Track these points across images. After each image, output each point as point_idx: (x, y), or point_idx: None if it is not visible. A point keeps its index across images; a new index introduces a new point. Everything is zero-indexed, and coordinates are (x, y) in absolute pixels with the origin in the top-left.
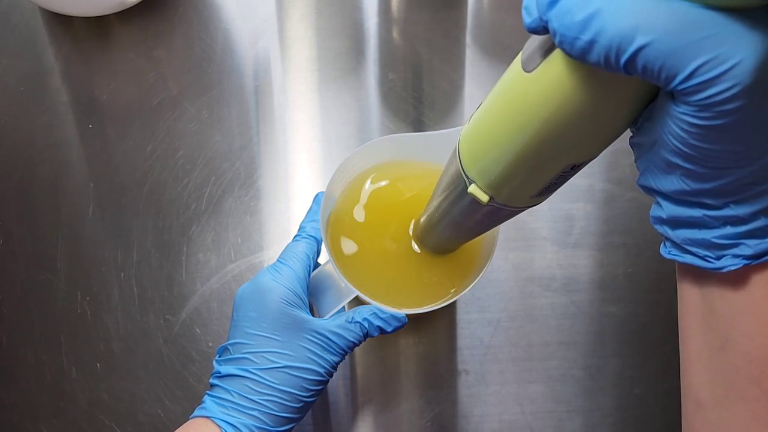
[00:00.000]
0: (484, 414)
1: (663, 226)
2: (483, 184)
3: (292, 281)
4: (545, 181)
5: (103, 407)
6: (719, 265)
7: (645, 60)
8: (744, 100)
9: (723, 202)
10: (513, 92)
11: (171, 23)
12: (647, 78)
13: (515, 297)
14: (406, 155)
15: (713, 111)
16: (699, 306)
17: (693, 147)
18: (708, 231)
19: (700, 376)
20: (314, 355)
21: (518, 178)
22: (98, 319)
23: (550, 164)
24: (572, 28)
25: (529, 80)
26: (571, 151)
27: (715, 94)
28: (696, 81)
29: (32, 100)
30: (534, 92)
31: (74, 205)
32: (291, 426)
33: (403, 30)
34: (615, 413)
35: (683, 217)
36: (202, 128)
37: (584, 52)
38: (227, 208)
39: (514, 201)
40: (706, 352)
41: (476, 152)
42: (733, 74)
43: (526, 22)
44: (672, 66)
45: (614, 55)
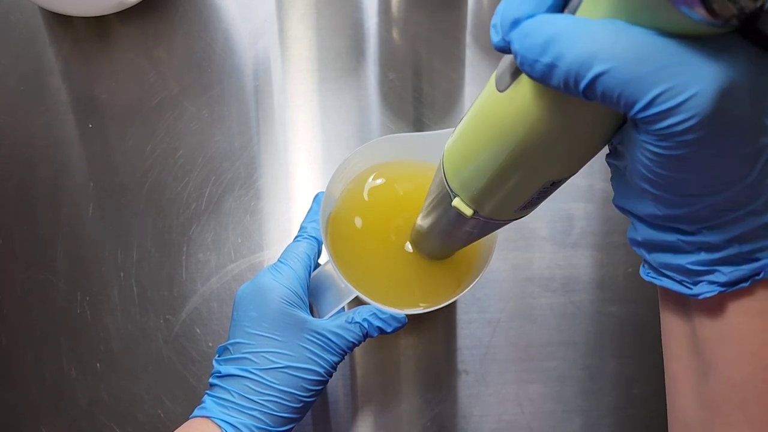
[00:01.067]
0: (484, 414)
1: (639, 249)
2: (466, 198)
3: (293, 281)
4: (526, 196)
5: (103, 407)
6: (695, 292)
7: (603, 87)
8: (704, 131)
9: (696, 228)
10: (487, 110)
11: (171, 23)
12: (607, 104)
13: (515, 297)
14: (406, 155)
15: (673, 141)
16: (683, 329)
17: (658, 175)
18: (683, 256)
19: (686, 398)
20: (314, 355)
21: (499, 193)
22: (98, 319)
23: (528, 181)
24: (532, 51)
25: (501, 100)
26: (547, 169)
27: (674, 125)
28: (654, 111)
29: (32, 100)
30: (506, 112)
31: (74, 204)
32: (291, 426)
33: (403, 30)
34: (614, 413)
35: (657, 240)
36: (202, 128)
37: (544, 76)
38: (227, 207)
39: (498, 215)
40: (692, 375)
41: (458, 167)
42: (691, 105)
43: (493, 41)
44: (630, 94)
45: (573, 81)
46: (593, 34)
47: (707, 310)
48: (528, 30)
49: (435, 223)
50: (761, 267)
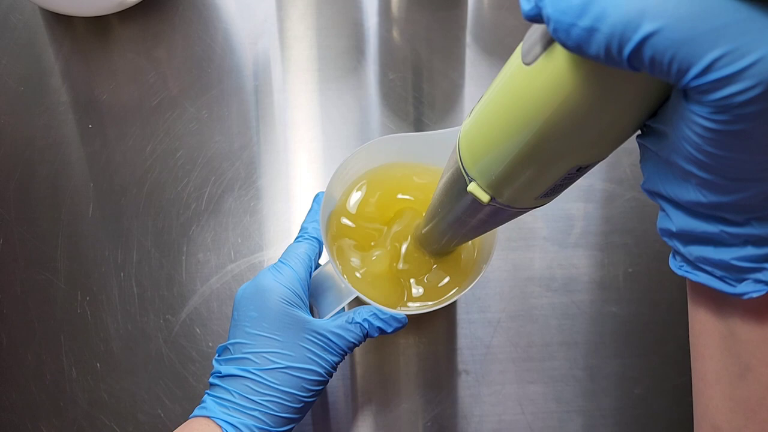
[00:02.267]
0: (484, 414)
1: (672, 240)
2: (484, 183)
3: (293, 281)
4: (549, 182)
5: (103, 407)
6: (739, 291)
7: (653, 50)
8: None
9: (744, 218)
10: (512, 87)
11: (171, 23)
12: (656, 73)
13: (515, 297)
14: (407, 155)
15: (732, 114)
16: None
17: (709, 154)
18: (726, 250)
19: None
20: (314, 355)
21: (520, 178)
22: (98, 319)
23: (553, 165)
24: (568, 13)
25: (528, 74)
26: (576, 151)
27: (734, 94)
28: (712, 77)
29: (32, 100)
30: (534, 87)
31: (74, 204)
32: (291, 426)
33: (403, 30)
34: (615, 413)
35: (697, 231)
36: (202, 128)
37: (582, 43)
38: (227, 207)
39: (517, 202)
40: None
41: (476, 150)
42: (756, 71)
43: (524, 10)
44: (684, 58)
45: (617, 46)
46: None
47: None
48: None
49: (447, 210)
50: None
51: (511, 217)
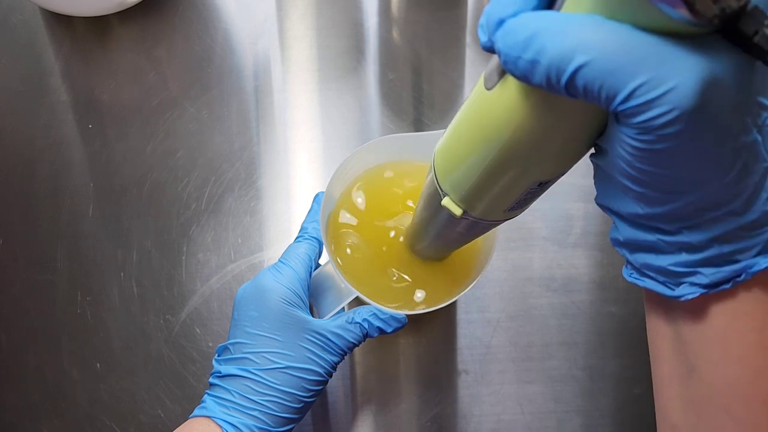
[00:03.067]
0: (484, 414)
1: (621, 249)
2: (456, 198)
3: (293, 281)
4: (514, 197)
5: (103, 407)
6: (677, 294)
7: (585, 80)
8: (684, 125)
9: (676, 227)
10: (475, 110)
11: (171, 23)
12: (590, 100)
13: (515, 297)
14: (407, 155)
15: (654, 134)
16: (666, 330)
17: (639, 170)
18: (664, 257)
19: (673, 400)
20: (314, 355)
21: (487, 194)
22: (98, 319)
23: (515, 182)
24: (515, 48)
25: (489, 99)
26: (534, 169)
27: (654, 118)
28: (634, 102)
29: (32, 100)
30: (493, 111)
31: (74, 205)
32: (291, 426)
33: (403, 30)
34: (615, 413)
35: (639, 240)
36: (202, 128)
37: (527, 73)
38: (227, 208)
39: (488, 215)
40: (677, 377)
41: (447, 167)
42: (672, 97)
43: (481, 41)
44: (611, 86)
45: (555, 76)
46: (574, 27)
47: (690, 311)
48: (511, 28)
49: (427, 223)
50: (742, 269)
51: (487, 229)
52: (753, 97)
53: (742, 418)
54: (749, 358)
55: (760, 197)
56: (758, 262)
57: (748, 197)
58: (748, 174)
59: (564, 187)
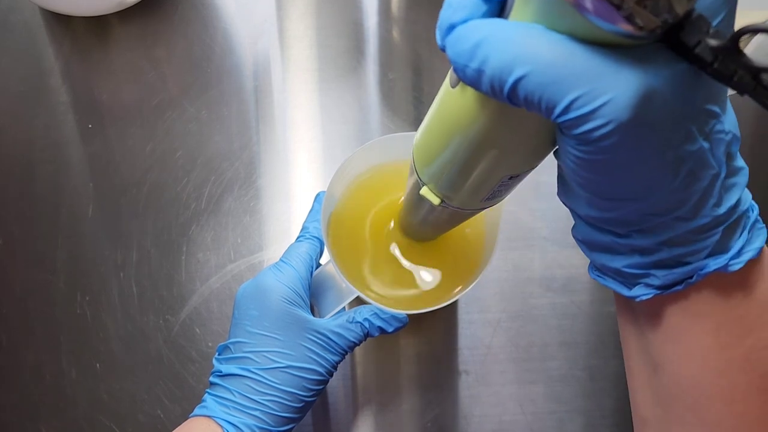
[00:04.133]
0: (485, 414)
1: (582, 246)
2: (433, 187)
3: (294, 281)
4: (487, 189)
5: (102, 407)
6: (633, 294)
7: (525, 91)
8: (621, 137)
9: (627, 231)
10: (442, 106)
11: (170, 23)
12: (531, 110)
13: (515, 297)
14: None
15: (593, 146)
16: (632, 328)
17: (584, 177)
18: (618, 258)
19: (642, 394)
20: (315, 354)
21: (461, 186)
22: (98, 320)
23: (486, 176)
24: (462, 56)
25: (453, 96)
26: (502, 165)
27: (591, 130)
28: (572, 115)
29: (32, 100)
30: (457, 109)
31: (74, 205)
32: (292, 426)
33: (403, 30)
34: (615, 414)
35: (596, 240)
36: (202, 128)
37: (474, 81)
38: (227, 207)
39: (466, 204)
40: (644, 373)
41: (424, 159)
42: (607, 111)
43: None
44: (549, 98)
45: (498, 86)
46: (515, 38)
47: (648, 311)
48: (459, 35)
49: (413, 210)
50: (692, 270)
51: (468, 216)
52: (699, 105)
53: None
54: (708, 359)
55: (707, 203)
56: (708, 264)
57: (696, 203)
58: (695, 181)
59: None
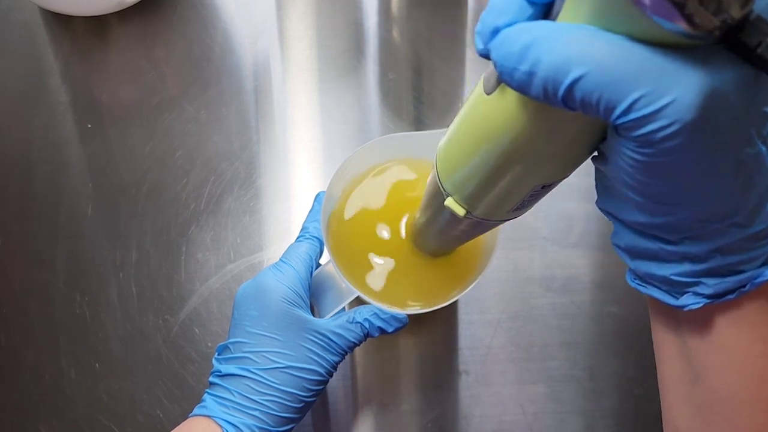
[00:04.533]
0: (485, 415)
1: (622, 254)
2: (459, 198)
3: (294, 281)
4: (516, 199)
5: (102, 407)
6: (681, 303)
7: (582, 92)
8: (685, 139)
9: (678, 238)
10: (475, 113)
11: (170, 23)
12: (588, 112)
13: (516, 297)
14: (407, 154)
15: (655, 148)
16: (672, 336)
17: (639, 182)
18: (667, 266)
19: (678, 405)
20: (315, 355)
21: (489, 195)
22: (97, 320)
23: (517, 185)
24: (510, 59)
25: (488, 103)
26: (535, 173)
27: (654, 131)
28: (633, 116)
29: (31, 100)
30: (493, 116)
31: (73, 205)
32: (292, 426)
33: (403, 30)
34: (616, 414)
35: (640, 248)
36: (201, 128)
37: (523, 85)
38: (226, 207)
39: (491, 215)
40: (682, 383)
41: (449, 168)
42: (672, 111)
43: (477, 48)
44: (610, 99)
45: (551, 88)
46: (570, 39)
47: (694, 320)
48: (506, 38)
49: (431, 221)
50: (746, 279)
51: (490, 228)
52: (757, 108)
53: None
54: (755, 367)
55: (764, 209)
56: (763, 273)
57: (752, 209)
58: (752, 186)
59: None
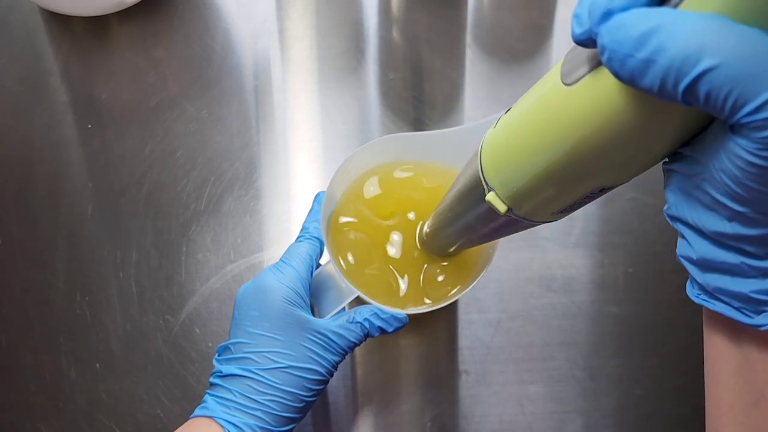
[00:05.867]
0: (485, 414)
1: (691, 266)
2: (503, 193)
3: (295, 281)
4: (570, 200)
5: (102, 407)
6: (757, 323)
7: (709, 86)
8: None
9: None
10: (548, 105)
11: (170, 23)
12: (708, 108)
13: (516, 297)
14: (407, 155)
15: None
16: (732, 354)
17: (747, 188)
18: (745, 282)
19: (730, 427)
20: (315, 355)
21: (542, 194)
22: (97, 320)
23: (578, 184)
24: (625, 45)
25: (568, 94)
26: (604, 173)
27: None
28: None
29: (31, 100)
30: (572, 108)
31: (73, 205)
32: (292, 426)
33: (403, 30)
34: (615, 414)
35: (717, 261)
36: (202, 128)
37: (636, 74)
38: (227, 208)
39: (534, 215)
40: (739, 405)
41: (500, 161)
42: None
43: (574, 33)
44: (740, 95)
45: (673, 80)
46: (701, 27)
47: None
48: (623, 22)
49: (458, 216)
50: None
51: (523, 229)
52: None
53: None
54: None
55: None
56: None
57: None
58: None
59: None
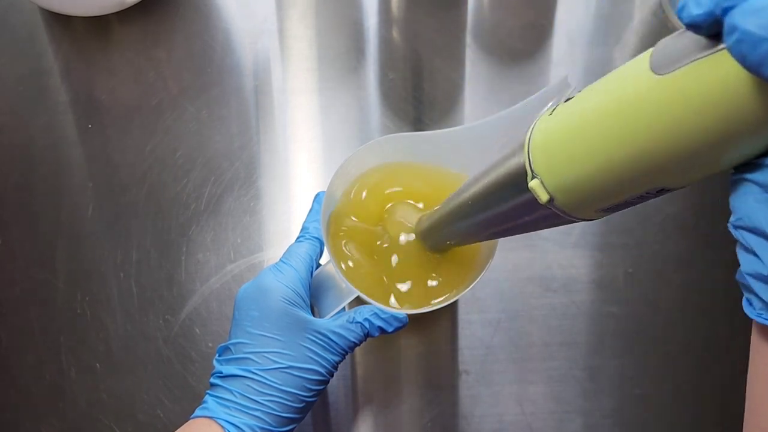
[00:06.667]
0: (485, 414)
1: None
2: (549, 182)
3: (295, 281)
4: (623, 197)
5: (102, 407)
6: None
7: None
8: None
9: None
10: (631, 94)
11: (171, 23)
12: None
13: (515, 297)
14: (407, 155)
15: None
16: None
17: None
18: None
19: None
20: (315, 355)
21: (595, 187)
22: (97, 320)
23: (642, 180)
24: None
25: (658, 84)
26: (674, 175)
27: None
28: None
29: (31, 100)
30: (661, 99)
31: (73, 205)
32: (293, 426)
33: (403, 30)
34: (615, 414)
35: None
36: (202, 128)
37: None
38: (227, 208)
39: (575, 210)
40: None
41: (554, 148)
42: None
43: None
44: None
45: None
46: None
47: None
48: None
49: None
50: None
51: (550, 226)
52: None
53: None
54: None
55: None
56: None
57: None
58: None
59: None
